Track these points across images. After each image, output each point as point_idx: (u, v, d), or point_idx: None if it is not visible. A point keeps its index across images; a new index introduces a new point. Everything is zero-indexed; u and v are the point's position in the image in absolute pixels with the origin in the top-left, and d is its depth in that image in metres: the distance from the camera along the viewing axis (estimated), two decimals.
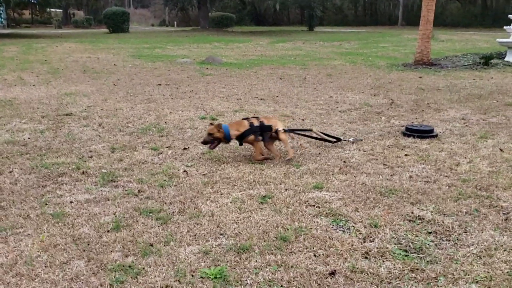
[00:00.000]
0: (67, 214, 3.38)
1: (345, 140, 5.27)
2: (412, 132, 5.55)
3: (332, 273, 2.56)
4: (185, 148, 5.04)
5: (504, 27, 14.57)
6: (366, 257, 2.76)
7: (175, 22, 47.40)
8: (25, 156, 4.80)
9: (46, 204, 3.58)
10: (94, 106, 7.44)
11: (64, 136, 5.58)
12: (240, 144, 4.68)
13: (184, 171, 4.28)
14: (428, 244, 2.92)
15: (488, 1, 42.23)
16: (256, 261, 2.71)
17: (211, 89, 9.24)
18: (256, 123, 4.56)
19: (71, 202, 3.61)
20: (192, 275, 2.58)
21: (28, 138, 5.51)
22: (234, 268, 2.64)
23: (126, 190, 3.84)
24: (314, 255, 2.77)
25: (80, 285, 2.51)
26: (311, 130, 5.18)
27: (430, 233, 3.08)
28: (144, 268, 2.65)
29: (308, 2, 36.11)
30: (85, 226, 3.18)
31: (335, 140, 5.20)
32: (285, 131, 4.65)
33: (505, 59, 13.21)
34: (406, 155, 4.82)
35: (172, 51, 18.13)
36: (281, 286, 2.48)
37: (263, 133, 4.55)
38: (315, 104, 7.68)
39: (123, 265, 2.68)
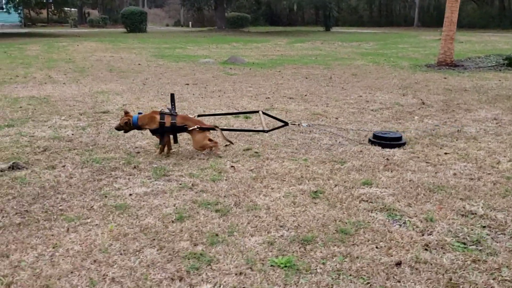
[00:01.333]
0: (129, 205, 3.52)
1: (293, 124, 5.42)
2: (378, 140, 5.12)
3: (398, 264, 2.66)
4: (226, 145, 5.16)
5: None
6: (426, 249, 2.86)
7: (190, 22, 47.65)
8: (73, 151, 4.96)
9: (106, 196, 3.72)
10: (128, 104, 7.59)
11: (107, 133, 5.73)
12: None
13: (232, 166, 4.41)
14: (485, 237, 3.01)
15: (505, 2, 41.87)
16: (321, 252, 2.82)
17: (239, 88, 9.37)
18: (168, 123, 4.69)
19: (130, 194, 3.74)
20: (262, 264, 2.69)
21: (72, 134, 5.67)
22: (301, 258, 2.75)
23: (180, 184, 3.97)
24: (376, 247, 2.87)
25: (157, 271, 2.64)
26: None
27: (484, 227, 3.16)
28: (215, 256, 2.77)
29: (324, 3, 36.13)
30: (149, 217, 3.32)
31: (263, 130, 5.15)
32: (200, 129, 4.72)
33: None
34: (445, 153, 4.90)
35: (193, 51, 18.31)
36: (350, 275, 2.58)
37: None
38: (346, 103, 7.76)
39: (194, 253, 2.80)
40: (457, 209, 3.43)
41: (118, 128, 4.94)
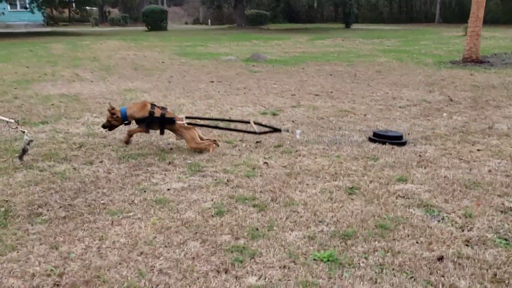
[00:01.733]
0: (168, 200, 3.60)
1: (285, 131, 5.31)
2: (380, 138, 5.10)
3: (440, 259, 2.68)
4: (257, 142, 5.21)
5: None
6: (467, 245, 2.87)
7: (209, 20, 47.84)
8: (109, 147, 5.07)
9: (145, 191, 3.81)
10: (157, 102, 7.68)
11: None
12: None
13: (265, 162, 4.46)
14: None
15: None
16: (362, 246, 2.85)
17: (263, 85, 9.41)
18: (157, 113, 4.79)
19: (168, 189, 3.82)
20: (305, 258, 2.74)
21: (106, 131, 5.77)
22: (343, 253, 2.79)
23: (215, 180, 4.03)
24: (417, 242, 2.89)
25: (202, 264, 2.70)
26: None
27: None
28: (257, 250, 2.82)
29: (344, 0, 35.90)
30: (189, 211, 3.39)
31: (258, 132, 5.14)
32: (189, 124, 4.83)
33: None
34: (478, 150, 4.87)
35: (214, 48, 18.41)
36: (393, 269, 2.61)
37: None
38: (372, 100, 7.74)
39: (237, 246, 2.86)
40: (496, 205, 3.42)
41: (106, 125, 5.00)
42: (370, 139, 5.18)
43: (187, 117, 4.98)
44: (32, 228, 3.16)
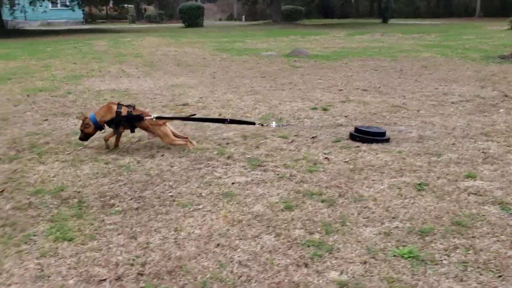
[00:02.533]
0: (234, 193, 3.63)
1: (259, 124, 5.11)
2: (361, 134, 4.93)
3: None
4: (313, 137, 5.19)
5: None
6: None
7: (243, 16, 47.93)
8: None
9: (210, 184, 3.85)
10: (205, 97, 7.77)
11: (193, 124, 5.89)
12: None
13: (326, 158, 4.43)
14: None
15: None
16: (441, 243, 2.80)
17: (308, 80, 9.36)
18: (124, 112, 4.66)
19: (232, 183, 3.86)
20: (384, 254, 2.71)
21: None
22: (423, 249, 2.74)
23: (278, 174, 4.04)
24: (498, 240, 2.82)
25: (281, 257, 2.71)
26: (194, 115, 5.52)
27: None
28: (334, 245, 2.81)
29: None
30: (258, 205, 3.41)
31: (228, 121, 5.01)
32: (158, 118, 4.69)
33: None
34: None
35: (253, 44, 18.43)
36: (478, 267, 2.55)
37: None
38: (423, 95, 7.59)
39: (313, 241, 2.86)
40: None
41: (81, 137, 4.77)
42: (352, 136, 4.99)
43: (156, 117, 4.73)
44: (107, 219, 3.25)
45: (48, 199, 3.60)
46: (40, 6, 31.09)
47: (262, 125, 5.14)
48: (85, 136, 4.78)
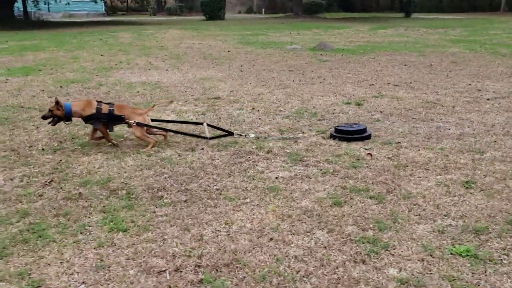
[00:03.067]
0: (280, 188, 3.64)
1: (238, 135, 5.00)
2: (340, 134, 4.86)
3: None
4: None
5: None
6: None
7: (263, 9, 47.74)
8: (204, 134, 5.17)
9: (254, 178, 3.86)
10: (235, 91, 7.78)
11: (228, 118, 5.92)
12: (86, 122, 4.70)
13: (368, 154, 4.41)
14: None
15: None
16: (498, 242, 2.77)
17: (337, 75, 9.30)
18: (105, 110, 4.54)
19: (276, 177, 3.86)
20: (441, 252, 2.69)
21: (196, 119, 5.91)
22: (480, 248, 2.72)
23: (321, 170, 4.03)
24: None
25: (336, 253, 2.71)
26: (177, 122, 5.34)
27: None
28: (389, 242, 2.80)
29: None
30: (305, 200, 3.41)
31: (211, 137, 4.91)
32: (138, 124, 4.60)
33: None
34: None
35: (276, 37, 18.36)
36: None
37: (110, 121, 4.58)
38: (456, 91, 7.48)
39: (367, 238, 2.85)
40: None
41: (46, 116, 4.59)
42: (332, 136, 4.92)
43: (137, 123, 4.64)
44: (158, 210, 3.29)
45: (97, 190, 3.65)
46: None
47: (240, 135, 5.00)
48: (51, 117, 4.55)
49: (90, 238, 2.92)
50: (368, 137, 4.87)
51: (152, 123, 4.89)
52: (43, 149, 4.66)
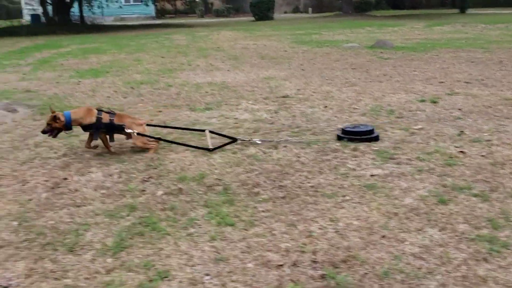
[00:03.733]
0: (378, 186, 3.59)
1: (243, 140, 4.76)
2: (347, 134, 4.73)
3: None
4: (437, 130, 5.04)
5: None
6: None
7: (310, 9, 47.51)
8: (283, 133, 5.19)
9: (347, 176, 3.83)
10: (302, 89, 7.77)
11: (302, 116, 5.91)
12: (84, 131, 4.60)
13: (461, 151, 4.29)
14: None
15: None
16: None
17: (403, 72, 9.11)
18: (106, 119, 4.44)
19: (371, 175, 3.82)
20: None
21: (271, 117, 5.94)
22: None
23: (415, 167, 3.95)
24: None
25: (454, 251, 2.65)
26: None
27: None
28: (509, 241, 2.71)
29: None
30: (408, 198, 3.36)
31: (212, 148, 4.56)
32: (139, 135, 4.51)
33: None
34: None
35: (330, 36, 18.22)
36: None
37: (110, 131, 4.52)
38: None
39: (483, 236, 2.77)
40: None
41: (46, 130, 4.49)
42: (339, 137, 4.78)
43: (138, 134, 4.56)
44: (259, 206, 3.32)
45: (194, 186, 3.74)
46: (116, 1, 32.47)
47: (245, 140, 4.80)
48: (51, 131, 4.49)
49: (201, 231, 2.99)
50: (376, 138, 4.73)
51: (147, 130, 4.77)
52: (132, 147, 4.82)
